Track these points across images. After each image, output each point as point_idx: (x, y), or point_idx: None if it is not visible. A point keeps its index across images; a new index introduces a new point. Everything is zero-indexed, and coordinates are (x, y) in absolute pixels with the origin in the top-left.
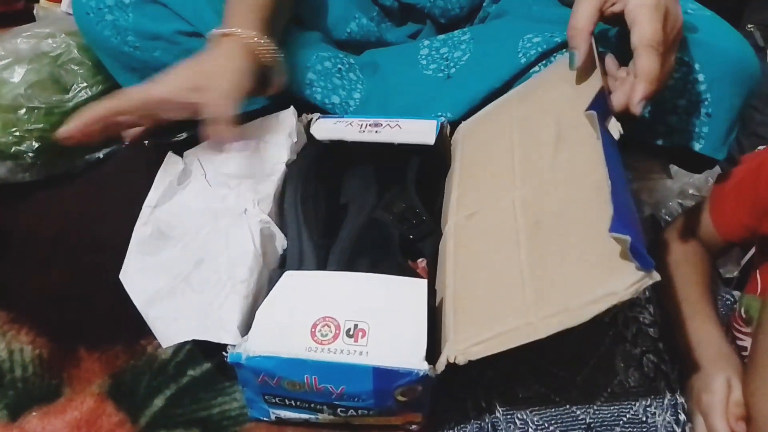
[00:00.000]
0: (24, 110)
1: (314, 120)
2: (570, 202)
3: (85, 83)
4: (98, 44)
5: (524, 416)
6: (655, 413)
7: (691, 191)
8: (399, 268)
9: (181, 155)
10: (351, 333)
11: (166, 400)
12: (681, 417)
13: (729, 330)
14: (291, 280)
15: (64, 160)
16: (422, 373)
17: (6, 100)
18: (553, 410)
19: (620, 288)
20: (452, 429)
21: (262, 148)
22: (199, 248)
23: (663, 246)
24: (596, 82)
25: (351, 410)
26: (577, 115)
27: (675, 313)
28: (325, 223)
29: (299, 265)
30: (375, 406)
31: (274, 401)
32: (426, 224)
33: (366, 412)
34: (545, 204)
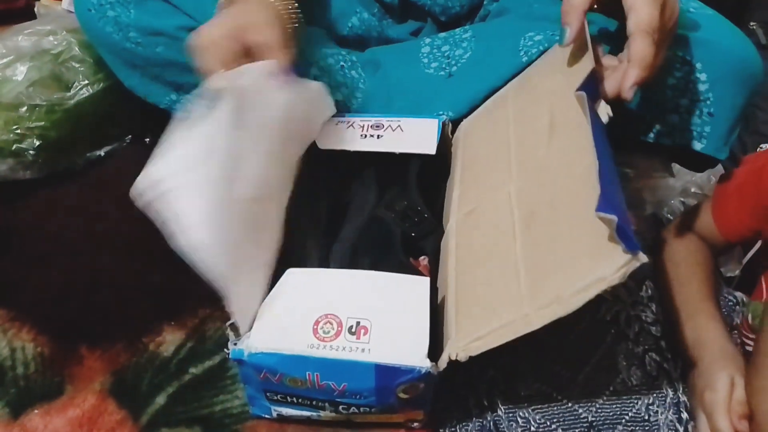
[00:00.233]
0: (25, 108)
1: None
2: (562, 190)
3: (87, 81)
4: (100, 41)
5: (526, 414)
6: (658, 411)
7: (693, 189)
8: (401, 266)
9: None
10: (353, 330)
11: (168, 398)
12: (683, 415)
13: (739, 335)
14: (293, 278)
15: (65, 158)
16: (424, 371)
17: (7, 98)
18: (555, 408)
19: (609, 273)
20: (454, 427)
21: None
22: None
23: (665, 244)
24: (588, 65)
25: (353, 407)
26: (569, 101)
27: (678, 311)
28: (327, 222)
29: (302, 263)
30: (377, 404)
31: (276, 398)
32: (428, 222)
33: (368, 410)
34: (539, 194)
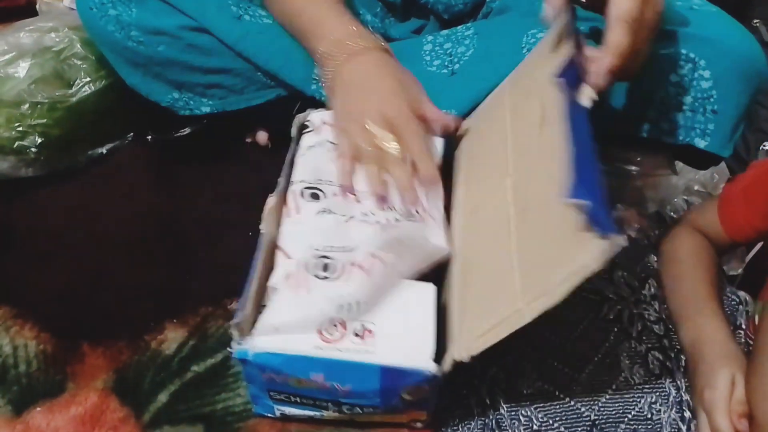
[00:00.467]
0: (27, 105)
1: (306, 130)
2: (549, 182)
3: (89, 78)
4: (102, 39)
5: (528, 413)
6: (660, 410)
7: (697, 188)
8: None
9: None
10: (359, 333)
11: (170, 396)
12: (686, 414)
13: (744, 336)
14: None
15: (67, 156)
16: (429, 373)
17: (9, 96)
18: (558, 407)
19: (589, 260)
20: (456, 426)
21: None
22: None
23: (669, 242)
24: (567, 53)
25: (356, 408)
26: (556, 91)
27: (680, 309)
28: None
29: None
30: (381, 405)
31: (280, 398)
32: None
33: (371, 410)
34: (532, 188)
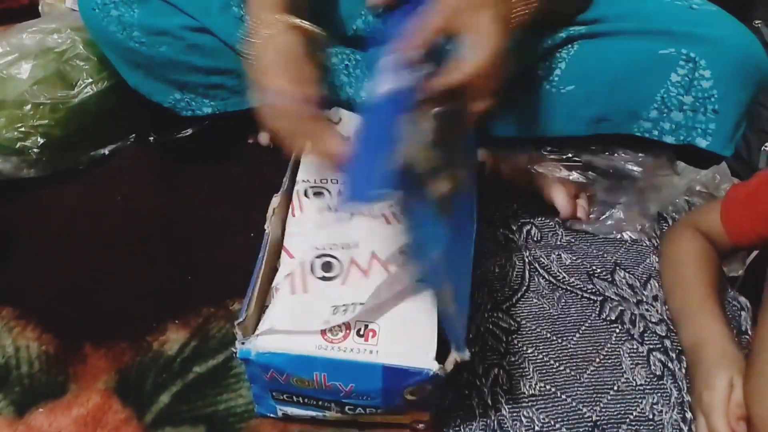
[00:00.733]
0: (29, 106)
1: None
2: None
3: (91, 79)
4: (104, 39)
5: (530, 414)
6: (662, 411)
7: (699, 188)
8: None
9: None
10: (361, 333)
11: (172, 397)
12: (687, 415)
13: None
14: None
15: (69, 156)
16: (432, 373)
17: (11, 96)
18: (559, 408)
19: None
20: (458, 427)
21: None
22: None
23: (670, 243)
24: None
25: (359, 408)
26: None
27: (681, 311)
28: None
29: None
30: (383, 405)
31: (282, 398)
32: None
33: (374, 411)
34: None
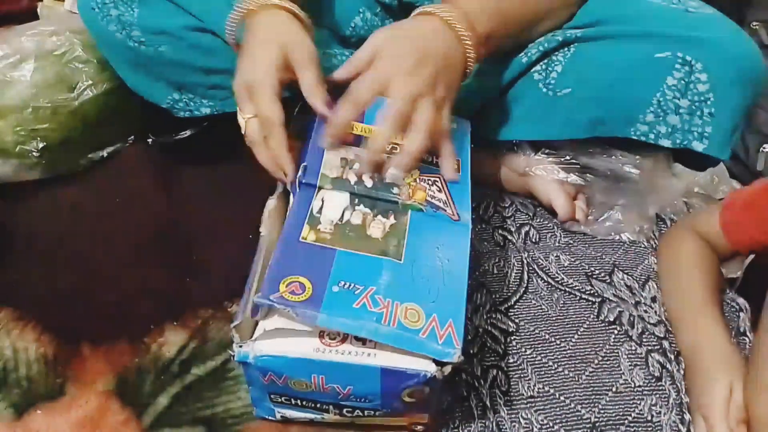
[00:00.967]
0: (29, 109)
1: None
2: None
3: (90, 81)
4: (103, 39)
5: (528, 415)
6: (661, 412)
7: (697, 190)
8: None
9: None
10: (359, 336)
11: (171, 399)
12: (686, 416)
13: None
14: None
15: (69, 159)
16: (430, 375)
17: (13, 100)
18: (558, 409)
19: None
20: (457, 428)
21: None
22: None
23: (669, 245)
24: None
25: (357, 410)
26: None
27: (679, 313)
28: None
29: None
30: (382, 407)
31: (280, 400)
32: None
33: (372, 413)
34: None
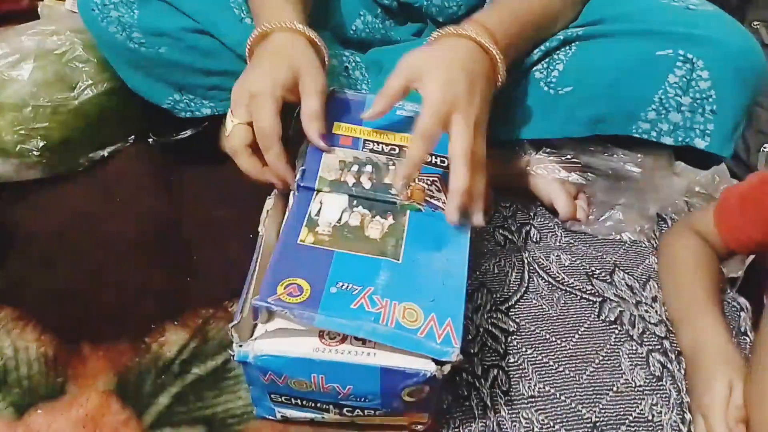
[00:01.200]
0: (29, 108)
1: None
2: None
3: (90, 81)
4: (103, 40)
5: (529, 415)
6: (661, 412)
7: (698, 189)
8: None
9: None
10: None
11: (171, 398)
12: (686, 416)
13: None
14: None
15: (69, 158)
16: (429, 374)
17: (13, 99)
18: (559, 409)
19: None
20: (457, 428)
21: None
22: None
23: (669, 244)
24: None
25: (357, 410)
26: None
27: (680, 312)
28: None
29: None
30: (381, 407)
31: (280, 400)
32: None
33: (372, 412)
34: None
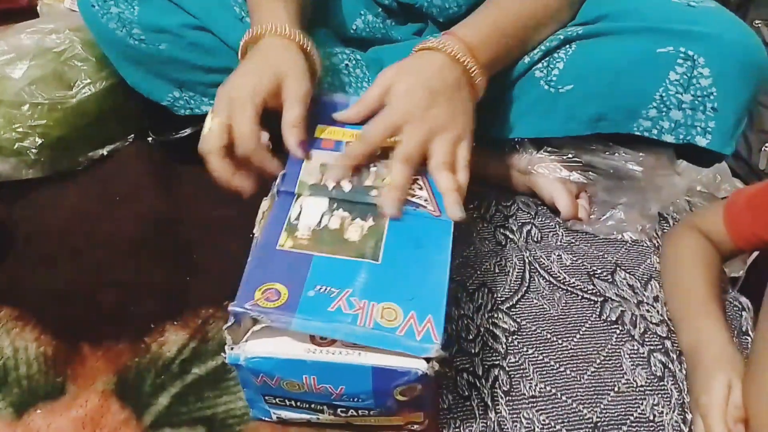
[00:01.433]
0: (27, 106)
1: None
2: None
3: (89, 79)
4: (103, 37)
5: (530, 415)
6: (663, 412)
7: (699, 188)
8: None
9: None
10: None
11: (171, 398)
12: (688, 416)
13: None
14: None
15: (68, 157)
16: (420, 373)
17: (9, 96)
18: (560, 409)
19: None
20: (458, 428)
21: None
22: None
23: (671, 244)
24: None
25: (351, 410)
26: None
27: (680, 312)
28: None
29: None
30: (375, 406)
31: (275, 402)
32: None
33: (366, 413)
34: None
